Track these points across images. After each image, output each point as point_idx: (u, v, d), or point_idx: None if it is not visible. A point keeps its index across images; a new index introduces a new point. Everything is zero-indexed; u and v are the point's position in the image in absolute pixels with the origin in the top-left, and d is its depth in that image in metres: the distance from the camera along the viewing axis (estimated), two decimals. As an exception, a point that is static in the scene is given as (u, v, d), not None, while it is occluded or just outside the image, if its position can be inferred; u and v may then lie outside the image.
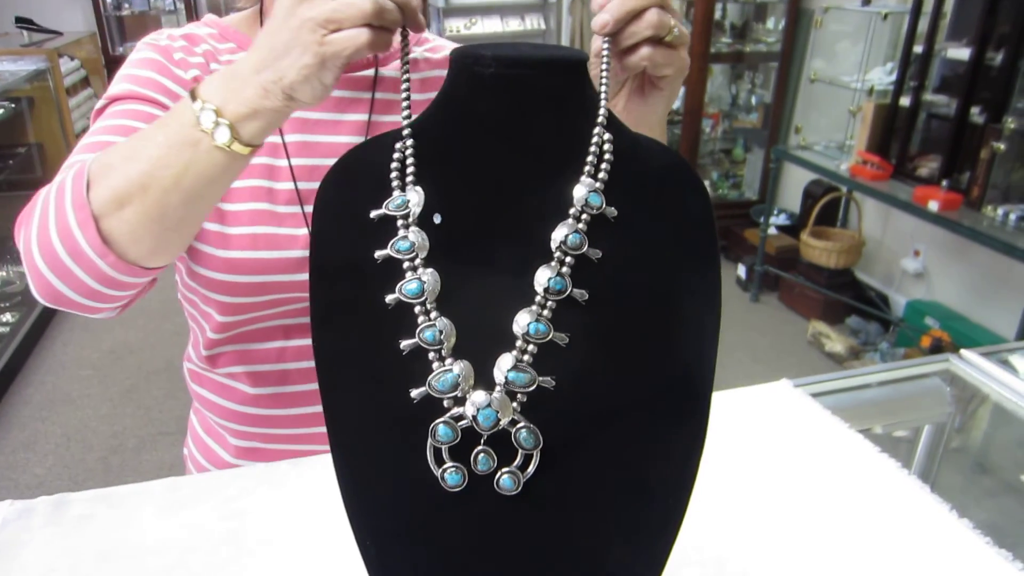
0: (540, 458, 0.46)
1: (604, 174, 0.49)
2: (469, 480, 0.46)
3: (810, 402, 0.80)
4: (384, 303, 0.47)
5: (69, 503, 0.72)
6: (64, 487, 2.37)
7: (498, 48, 0.49)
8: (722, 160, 4.23)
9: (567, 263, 0.47)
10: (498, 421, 0.45)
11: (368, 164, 0.52)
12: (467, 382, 0.45)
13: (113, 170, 0.59)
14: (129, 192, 0.59)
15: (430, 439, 0.45)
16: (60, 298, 0.63)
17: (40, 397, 2.84)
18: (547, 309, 0.46)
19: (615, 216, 0.49)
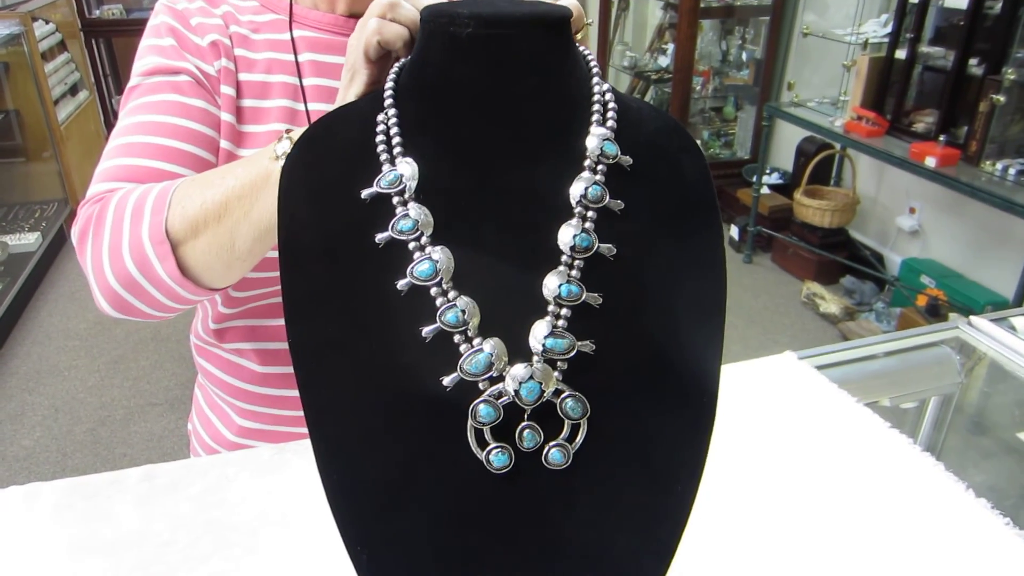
0: (587, 428, 0.43)
1: (612, 122, 0.47)
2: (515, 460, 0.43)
3: (816, 375, 0.77)
4: (386, 288, 0.43)
5: (42, 493, 0.69)
6: (53, 459, 2.35)
7: (474, 5, 0.45)
8: (713, 119, 4.17)
9: (590, 217, 0.44)
10: (542, 393, 0.42)
11: (338, 138, 0.48)
12: (501, 360, 0.42)
13: (190, 200, 0.62)
14: (204, 220, 0.61)
15: (470, 420, 0.42)
16: (128, 309, 0.66)
17: (26, 368, 2.80)
18: (575, 268, 0.43)
19: (630, 165, 0.46)
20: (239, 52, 0.77)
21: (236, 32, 0.78)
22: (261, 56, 0.78)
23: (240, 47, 0.77)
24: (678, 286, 0.46)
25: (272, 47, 0.78)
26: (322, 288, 0.45)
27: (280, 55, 0.78)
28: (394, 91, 0.48)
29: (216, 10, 0.79)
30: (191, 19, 0.77)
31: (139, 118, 0.73)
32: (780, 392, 0.76)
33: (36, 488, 0.69)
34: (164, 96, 0.74)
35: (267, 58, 0.78)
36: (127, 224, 0.63)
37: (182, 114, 0.73)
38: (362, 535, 0.44)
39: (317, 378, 0.44)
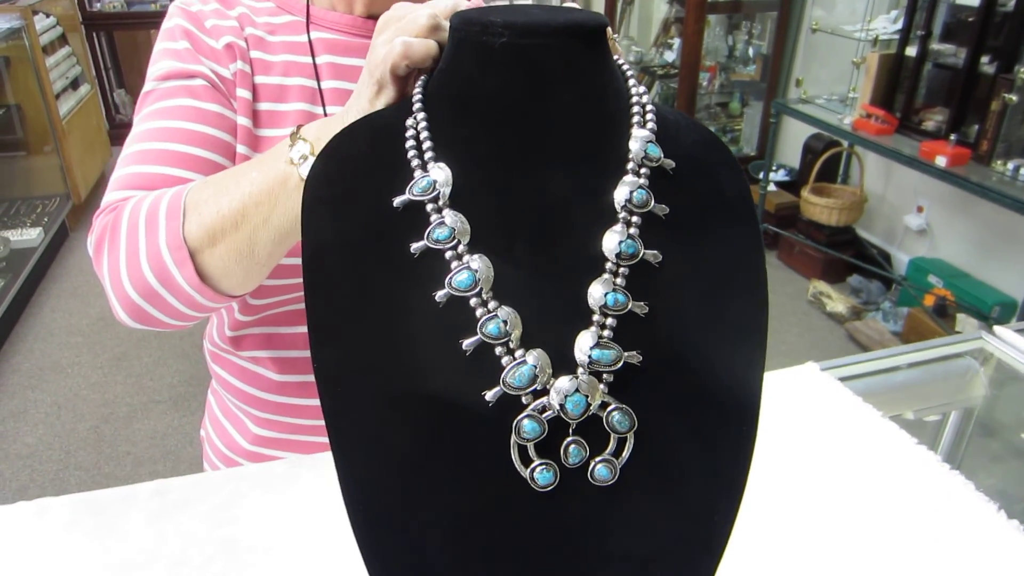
0: (634, 441, 0.41)
1: (652, 124, 0.45)
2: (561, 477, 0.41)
3: (839, 387, 0.76)
4: (422, 300, 0.41)
5: (50, 509, 0.67)
6: (56, 457, 2.34)
7: (507, 13, 0.43)
8: (719, 114, 4.14)
9: (634, 223, 0.42)
10: (588, 407, 0.40)
11: (363, 148, 0.46)
12: (544, 372, 0.40)
13: (207, 205, 0.60)
14: (222, 227, 0.59)
15: (514, 436, 0.40)
16: (146, 319, 0.64)
17: (29, 365, 2.79)
18: (620, 277, 0.42)
19: (673, 169, 0.45)
20: (255, 54, 0.76)
21: (252, 34, 0.76)
22: (278, 59, 0.76)
23: (256, 49, 0.76)
24: (722, 299, 0.45)
25: (289, 49, 0.77)
26: (350, 308, 0.43)
27: (297, 57, 0.76)
28: (423, 99, 0.47)
29: (231, 12, 0.77)
30: (205, 21, 0.75)
31: (153, 124, 0.72)
32: (804, 404, 0.75)
33: (46, 504, 0.68)
34: (179, 101, 0.72)
35: (284, 61, 0.76)
36: (143, 232, 0.62)
37: (197, 119, 0.72)
38: (392, 571, 0.42)
39: (345, 405, 0.42)
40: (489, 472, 0.42)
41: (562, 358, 0.41)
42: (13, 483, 2.24)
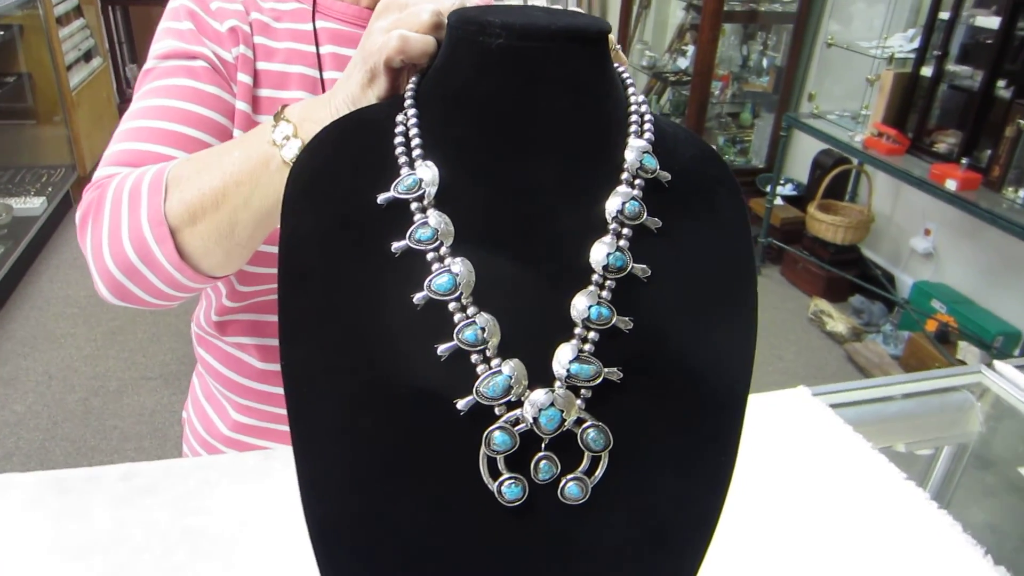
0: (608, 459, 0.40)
1: (650, 134, 0.44)
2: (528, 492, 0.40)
3: (830, 414, 0.74)
4: (399, 302, 0.40)
5: (15, 486, 0.65)
6: (43, 426, 2.33)
7: (506, 14, 0.41)
8: (729, 124, 4.12)
9: (624, 235, 0.41)
10: (563, 422, 0.39)
11: (351, 142, 0.44)
12: (520, 384, 0.39)
13: (189, 183, 0.59)
14: (202, 206, 0.58)
15: (484, 448, 0.39)
16: (128, 296, 0.64)
17: (23, 333, 2.78)
18: (606, 290, 0.40)
19: (668, 181, 0.43)
20: (259, 40, 0.75)
21: (257, 19, 0.75)
22: (281, 45, 0.76)
23: (260, 35, 0.75)
24: (710, 322, 0.44)
25: (293, 37, 0.76)
26: (324, 307, 0.42)
27: (301, 45, 0.76)
28: (415, 97, 0.45)
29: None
30: (211, 3, 0.75)
31: (151, 102, 0.71)
32: (792, 430, 0.73)
33: (8, 479, 0.66)
34: (178, 81, 0.72)
35: (287, 48, 0.76)
36: (125, 208, 0.61)
37: (194, 100, 0.71)
38: (343, 574, 0.41)
39: (310, 407, 0.41)
40: (455, 484, 0.40)
41: (540, 370, 0.40)
42: (0, 449, 2.24)
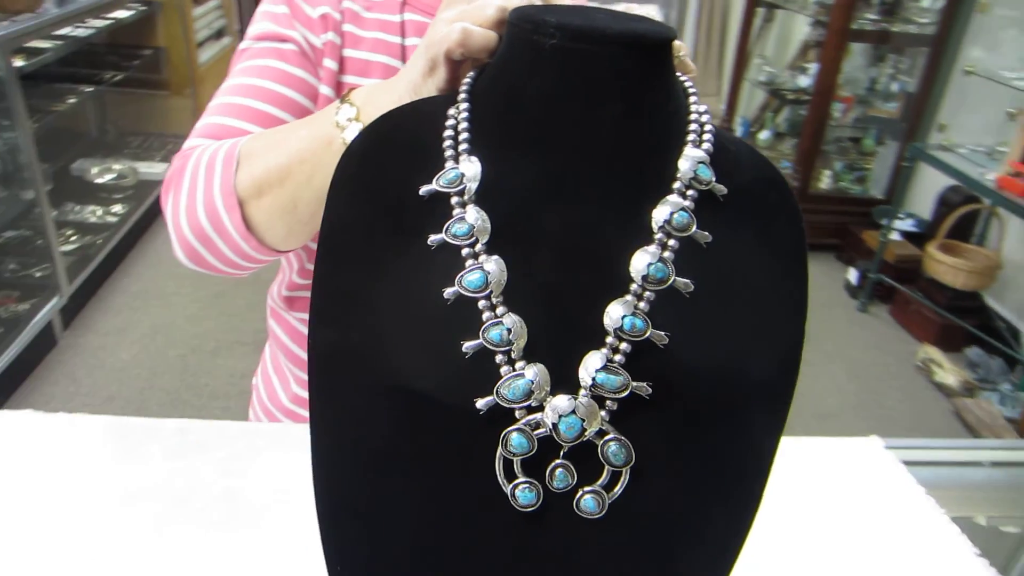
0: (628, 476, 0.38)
1: (709, 146, 0.42)
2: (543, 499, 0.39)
3: (901, 471, 0.68)
4: (430, 295, 0.40)
5: (83, 424, 0.70)
6: (143, 376, 2.48)
7: (565, 14, 0.40)
8: (849, 149, 3.93)
9: (671, 247, 0.39)
10: (583, 432, 0.38)
11: (403, 133, 0.45)
12: (542, 389, 0.38)
13: (258, 158, 0.62)
14: (268, 181, 0.61)
15: (500, 449, 0.38)
16: (202, 262, 0.68)
17: (136, 288, 2.97)
18: (644, 301, 0.39)
19: (724, 195, 0.41)
20: (348, 28, 0.77)
21: (348, 8, 0.78)
22: (369, 34, 0.78)
23: (350, 23, 0.78)
24: (752, 353, 0.41)
25: (381, 27, 0.78)
26: (356, 290, 0.42)
27: (387, 36, 0.78)
28: (469, 92, 0.45)
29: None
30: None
31: (241, 80, 0.75)
32: (854, 482, 0.68)
33: (81, 419, 0.71)
34: (267, 61, 0.75)
35: (374, 37, 0.78)
36: (201, 179, 0.65)
37: (282, 81, 0.74)
38: (345, 559, 0.41)
39: (331, 391, 0.41)
40: (468, 483, 0.40)
41: (565, 377, 0.39)
42: (103, 393, 2.40)
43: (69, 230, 2.99)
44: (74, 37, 3.09)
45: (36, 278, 2.61)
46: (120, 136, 3.82)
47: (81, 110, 3.58)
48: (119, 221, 3.12)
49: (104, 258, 2.92)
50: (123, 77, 3.44)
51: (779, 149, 4.24)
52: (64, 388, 2.39)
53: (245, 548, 0.58)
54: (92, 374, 2.47)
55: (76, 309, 2.75)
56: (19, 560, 0.55)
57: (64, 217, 3.09)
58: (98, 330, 2.70)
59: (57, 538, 0.58)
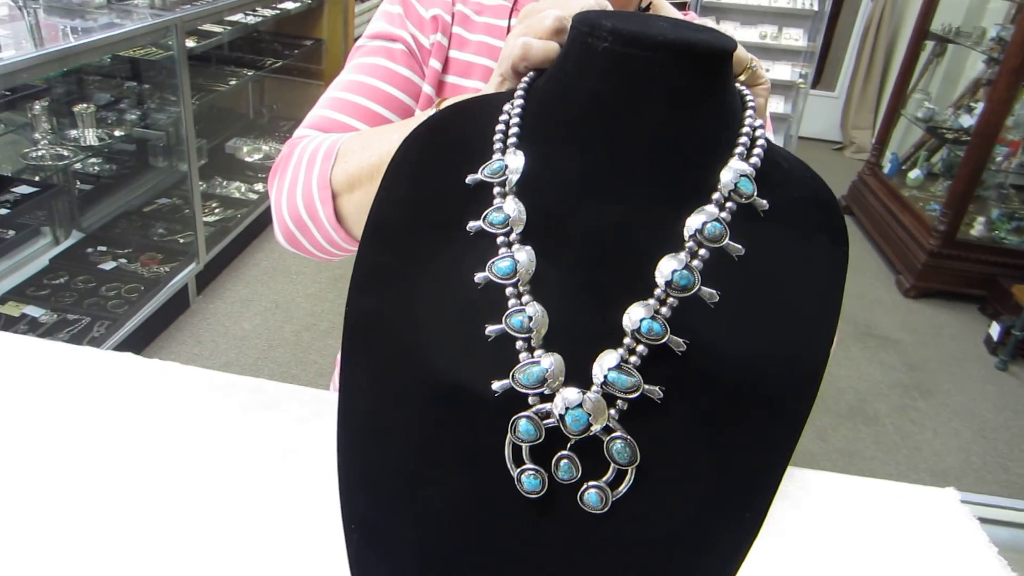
0: (634, 475, 0.38)
1: (757, 160, 0.41)
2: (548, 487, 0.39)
3: (974, 528, 0.62)
4: (461, 278, 0.41)
5: (170, 372, 0.74)
6: (259, 347, 2.62)
7: (623, 19, 0.41)
8: (1011, 197, 3.62)
9: (700, 255, 0.39)
10: (589, 426, 0.38)
11: (464, 125, 0.46)
12: (556, 379, 0.39)
13: (353, 155, 0.66)
14: (359, 177, 0.64)
15: (510, 434, 0.39)
16: (298, 245, 0.72)
17: (266, 263, 3.15)
18: (667, 306, 0.39)
19: (765, 211, 0.40)
20: (456, 30, 0.80)
21: (460, 11, 0.80)
22: (475, 38, 0.80)
23: (459, 25, 0.80)
24: (771, 373, 0.40)
25: (488, 31, 0.80)
26: (395, 266, 0.44)
27: (493, 40, 0.79)
28: (526, 90, 0.46)
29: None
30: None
31: (352, 76, 0.79)
32: (919, 531, 0.62)
33: (169, 367, 0.75)
34: (377, 60, 0.79)
35: (479, 41, 0.80)
36: (303, 169, 0.69)
37: (388, 80, 0.78)
38: (358, 516, 0.42)
39: (359, 353, 0.43)
40: (480, 461, 0.40)
41: (582, 371, 0.39)
42: (222, 357, 2.56)
43: (214, 203, 3.22)
44: (243, 24, 3.33)
45: (179, 244, 2.82)
46: (273, 119, 4.07)
47: (240, 92, 3.86)
48: (259, 199, 3.32)
49: (241, 231, 3.12)
50: (282, 64, 3.69)
51: (930, 190, 3.97)
52: (189, 348, 2.57)
53: (294, 504, 0.60)
54: (215, 339, 2.64)
55: (210, 276, 2.95)
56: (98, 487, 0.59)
57: (212, 190, 3.33)
58: (226, 298, 2.88)
59: (130, 471, 0.62)
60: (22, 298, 2.38)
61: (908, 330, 3.22)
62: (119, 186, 3.01)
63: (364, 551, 0.42)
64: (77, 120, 2.45)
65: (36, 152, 2.36)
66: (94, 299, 2.45)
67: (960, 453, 2.51)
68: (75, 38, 2.15)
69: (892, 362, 2.97)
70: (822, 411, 2.60)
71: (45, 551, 0.54)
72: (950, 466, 2.43)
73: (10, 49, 2.01)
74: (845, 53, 5.47)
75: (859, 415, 2.62)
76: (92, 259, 2.65)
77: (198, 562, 0.55)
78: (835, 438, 2.48)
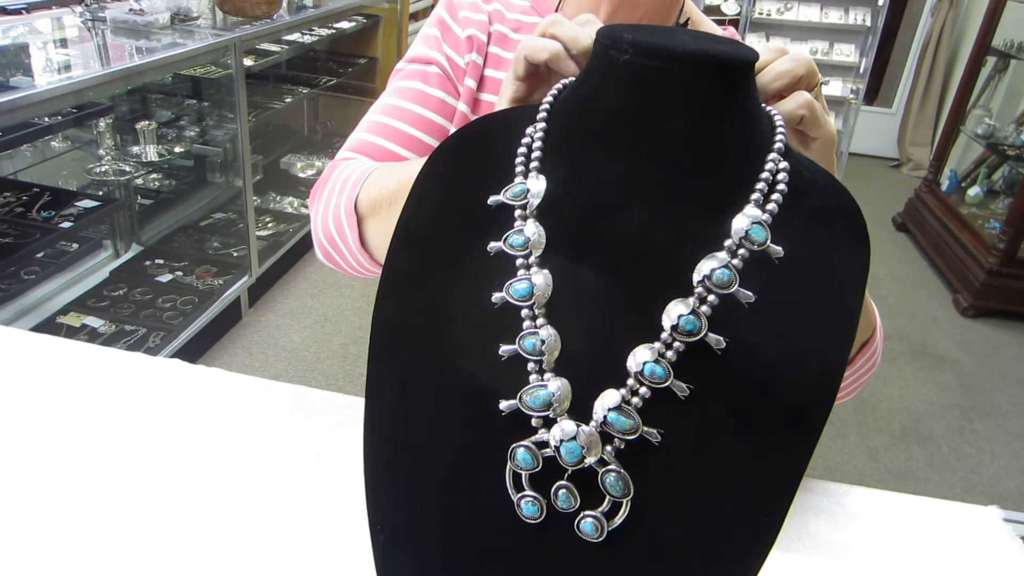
0: (630, 508, 0.39)
1: (774, 206, 0.41)
2: (547, 515, 0.40)
3: (1016, 545, 0.61)
4: (480, 296, 0.42)
5: (217, 378, 0.77)
6: (308, 359, 2.68)
7: (644, 32, 0.41)
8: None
9: (709, 301, 0.39)
10: (582, 458, 0.39)
11: (491, 140, 0.47)
12: (561, 403, 0.39)
13: (377, 182, 0.68)
14: (380, 203, 0.67)
15: (509, 462, 0.40)
16: (333, 262, 0.77)
17: (316, 276, 3.22)
18: (672, 350, 0.39)
19: (780, 257, 0.40)
20: (493, 49, 0.82)
21: (497, 31, 0.82)
22: (511, 55, 0.81)
23: (496, 45, 0.82)
24: (795, 370, 0.39)
25: None
26: (421, 275, 0.45)
27: None
28: (551, 105, 0.47)
29: (487, 6, 0.83)
30: (459, 12, 0.83)
31: (391, 100, 0.83)
32: (957, 549, 0.61)
33: (214, 373, 0.78)
34: (413, 84, 0.82)
35: None
36: (335, 193, 0.73)
37: (423, 103, 0.81)
38: (384, 517, 0.43)
39: (386, 356, 0.45)
40: (489, 480, 0.41)
41: (590, 395, 0.40)
42: (272, 369, 2.62)
43: (268, 217, 3.30)
44: (299, 43, 3.43)
45: (233, 257, 2.90)
46: (326, 136, 4.17)
47: (296, 110, 3.96)
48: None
49: (292, 245, 3.20)
50: (337, 82, 3.77)
51: (990, 208, 3.85)
52: (240, 360, 2.64)
53: (326, 507, 0.61)
54: (265, 351, 2.71)
55: (262, 289, 3.03)
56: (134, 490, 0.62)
57: (265, 205, 3.42)
58: (277, 311, 2.95)
59: (167, 476, 0.64)
60: (83, 309, 2.47)
61: (965, 350, 3.12)
62: (177, 201, 3.12)
63: (390, 551, 0.44)
64: (139, 137, 2.56)
65: (100, 168, 2.47)
66: (151, 310, 2.53)
67: (1019, 476, 2.41)
68: (140, 57, 2.25)
69: (948, 382, 2.88)
70: (874, 431, 2.53)
71: (83, 548, 0.57)
72: (1008, 489, 2.34)
73: (79, 68, 2.11)
74: (903, 70, 5.35)
75: (913, 436, 2.54)
76: (150, 271, 2.75)
77: (228, 563, 0.57)
78: (887, 459, 2.41)
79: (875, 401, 2.70)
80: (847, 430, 2.52)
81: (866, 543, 0.63)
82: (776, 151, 0.42)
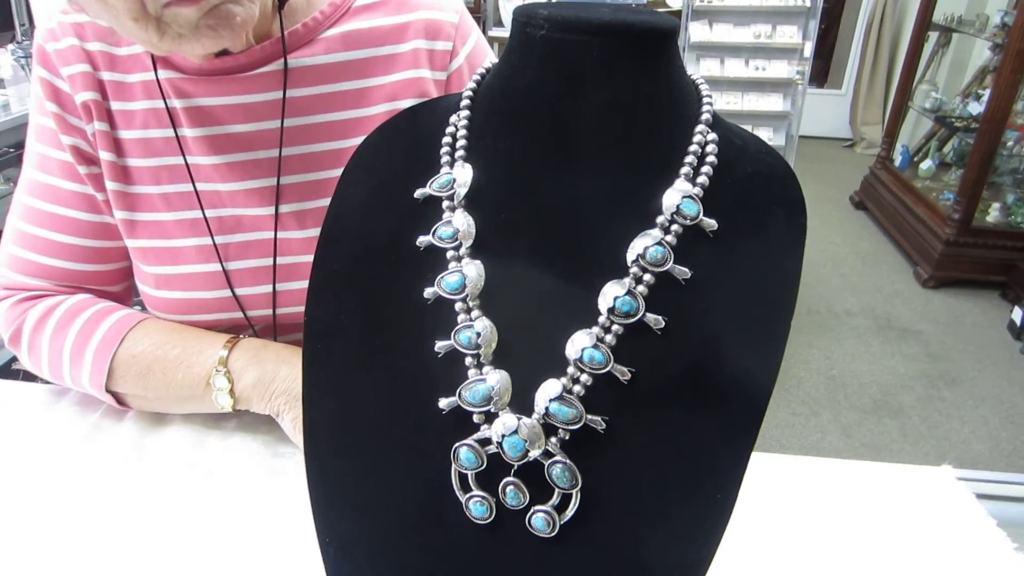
0: (581, 499, 0.38)
1: (705, 178, 0.40)
2: (498, 513, 0.39)
3: (973, 503, 0.61)
4: (413, 292, 0.41)
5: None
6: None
7: (560, 7, 0.40)
8: (1025, 182, 3.57)
9: (644, 281, 0.38)
10: (527, 452, 0.37)
11: (416, 130, 0.46)
12: (501, 397, 0.38)
13: (130, 381, 0.70)
14: (142, 397, 0.71)
15: (453, 463, 0.39)
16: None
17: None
18: (611, 334, 0.38)
19: (714, 231, 0.39)
20: (115, 106, 0.73)
21: (110, 80, 0.72)
22: (138, 106, 0.72)
23: (116, 99, 0.73)
24: (732, 346, 0.39)
25: (147, 93, 0.72)
26: (351, 275, 0.44)
27: (155, 103, 0.72)
28: (473, 91, 0.46)
29: (88, 46, 0.72)
30: (61, 69, 0.72)
31: (29, 200, 0.74)
32: (915, 512, 0.61)
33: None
34: (47, 179, 0.74)
35: (144, 109, 0.72)
36: (67, 366, 0.71)
37: (62, 202, 0.74)
38: (329, 529, 0.42)
39: (320, 359, 0.43)
40: (431, 483, 0.40)
41: (532, 386, 0.38)
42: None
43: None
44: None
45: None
46: None
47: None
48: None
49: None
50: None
51: (943, 180, 3.92)
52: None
53: (277, 526, 0.59)
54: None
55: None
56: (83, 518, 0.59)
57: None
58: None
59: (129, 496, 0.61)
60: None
61: (929, 320, 3.17)
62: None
63: (341, 565, 0.42)
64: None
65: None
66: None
67: (989, 440, 2.45)
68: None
69: (914, 353, 2.92)
70: (846, 407, 2.56)
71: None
72: (979, 453, 2.38)
73: (16, 106, 2.07)
74: (850, 51, 5.44)
75: (884, 409, 2.57)
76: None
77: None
78: (860, 433, 2.44)
79: (845, 378, 2.72)
80: (819, 408, 2.54)
81: (826, 511, 0.63)
82: (703, 121, 0.41)
